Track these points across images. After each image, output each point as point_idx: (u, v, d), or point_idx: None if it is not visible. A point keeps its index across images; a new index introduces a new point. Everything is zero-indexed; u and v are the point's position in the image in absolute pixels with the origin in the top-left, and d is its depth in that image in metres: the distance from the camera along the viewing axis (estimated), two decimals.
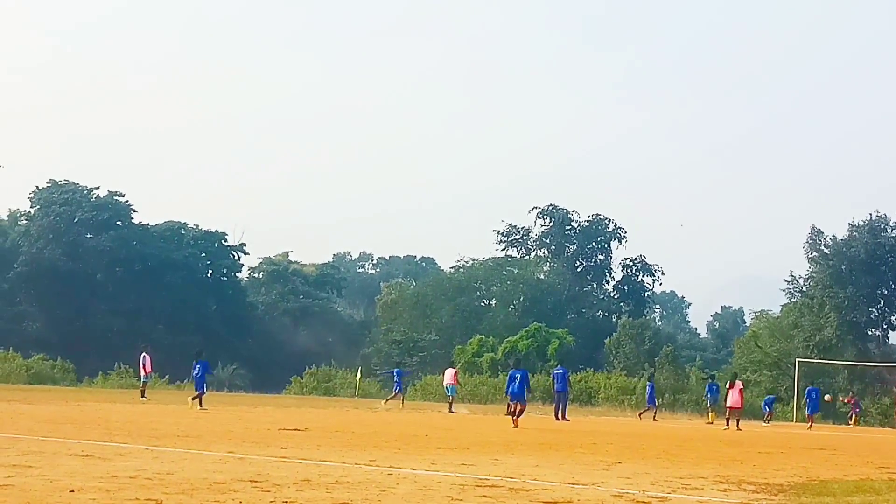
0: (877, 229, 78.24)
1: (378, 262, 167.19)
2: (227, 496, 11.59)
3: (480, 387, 75.93)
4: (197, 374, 40.00)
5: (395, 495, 12.42)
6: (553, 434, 31.41)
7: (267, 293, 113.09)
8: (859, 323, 77.93)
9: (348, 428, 28.91)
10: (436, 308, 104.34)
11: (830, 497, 14.66)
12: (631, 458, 21.52)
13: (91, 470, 13.79)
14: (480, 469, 16.74)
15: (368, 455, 18.48)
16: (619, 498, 13.27)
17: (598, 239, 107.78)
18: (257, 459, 16.74)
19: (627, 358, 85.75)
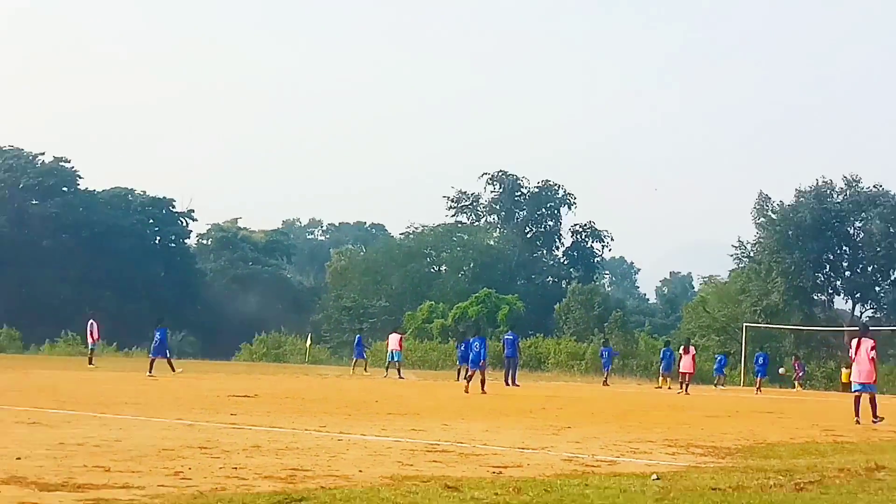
0: (823, 195, 78.72)
1: (328, 229, 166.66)
2: (176, 462, 11.54)
3: (431, 353, 76.07)
4: (157, 341, 39.96)
5: (346, 461, 12.41)
6: (503, 399, 31.48)
7: (215, 260, 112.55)
8: (805, 288, 78.49)
9: (298, 394, 28.88)
10: (386, 274, 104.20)
11: (777, 459, 14.78)
12: (580, 422, 21.61)
13: (38, 437, 13.70)
14: (431, 434, 16.76)
15: (318, 421, 18.47)
16: (568, 462, 13.32)
17: (547, 205, 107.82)
18: (206, 426, 16.68)
19: (577, 323, 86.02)
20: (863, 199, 77.99)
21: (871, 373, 25.85)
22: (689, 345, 49.63)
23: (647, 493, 10.24)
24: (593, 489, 10.39)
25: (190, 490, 9.47)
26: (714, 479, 11.71)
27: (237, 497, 8.99)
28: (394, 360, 50.99)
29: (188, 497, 9.00)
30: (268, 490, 9.60)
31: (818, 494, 10.64)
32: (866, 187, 79.06)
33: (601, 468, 12.73)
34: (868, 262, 78.27)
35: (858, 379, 25.78)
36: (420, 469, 11.82)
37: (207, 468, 11.21)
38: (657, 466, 13.07)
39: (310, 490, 9.65)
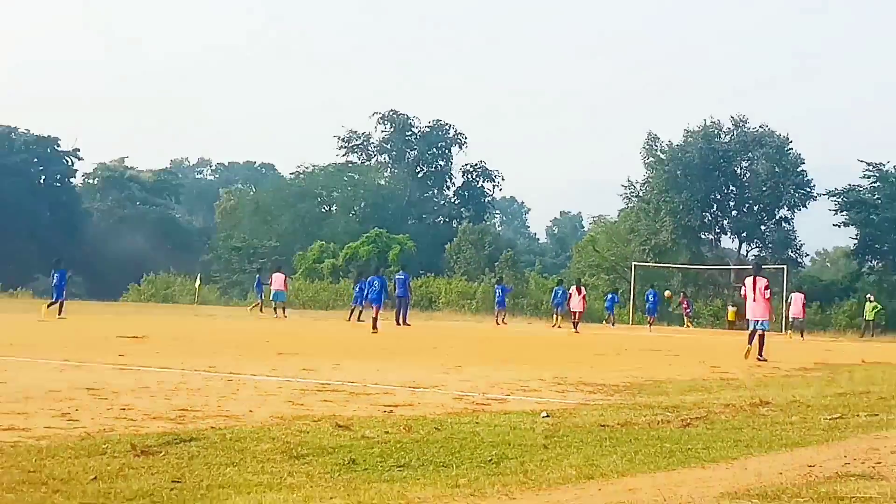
0: (711, 135, 79.44)
1: (217, 168, 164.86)
2: (63, 404, 11.42)
3: (322, 293, 75.99)
4: (55, 282, 39.72)
5: (236, 401, 12.37)
6: (394, 339, 31.56)
7: (102, 200, 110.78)
8: (693, 227, 79.31)
9: (188, 335, 28.71)
10: (276, 214, 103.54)
11: (665, 396, 15.00)
12: (471, 361, 21.73)
13: None
14: (321, 374, 16.76)
15: (208, 362, 18.37)
16: (459, 401, 13.40)
17: (438, 145, 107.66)
18: (94, 367, 16.52)
19: (468, 263, 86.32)
20: (749, 140, 78.88)
21: (765, 310, 26.55)
22: (580, 284, 50.66)
23: (537, 431, 10.34)
24: (484, 427, 10.47)
25: (77, 431, 9.38)
26: (603, 415, 11.86)
27: (126, 438, 8.92)
28: (279, 301, 51.11)
29: (75, 438, 8.91)
30: (157, 430, 9.54)
31: (704, 430, 10.83)
32: (753, 128, 79.96)
33: (491, 406, 12.82)
34: (754, 201, 79.29)
35: (754, 316, 26.48)
36: (311, 409, 11.83)
37: (95, 409, 11.11)
38: (547, 404, 13.20)
39: (200, 430, 9.60)
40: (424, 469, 8.02)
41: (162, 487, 6.99)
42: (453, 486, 7.36)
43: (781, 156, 77.22)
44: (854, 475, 7.61)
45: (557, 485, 7.51)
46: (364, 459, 8.28)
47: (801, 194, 77.60)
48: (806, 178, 77.84)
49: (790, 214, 79.11)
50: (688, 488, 7.22)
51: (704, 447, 9.50)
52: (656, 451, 9.22)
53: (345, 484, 7.35)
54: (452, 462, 8.32)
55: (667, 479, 7.78)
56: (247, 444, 8.85)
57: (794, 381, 19.21)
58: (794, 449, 9.67)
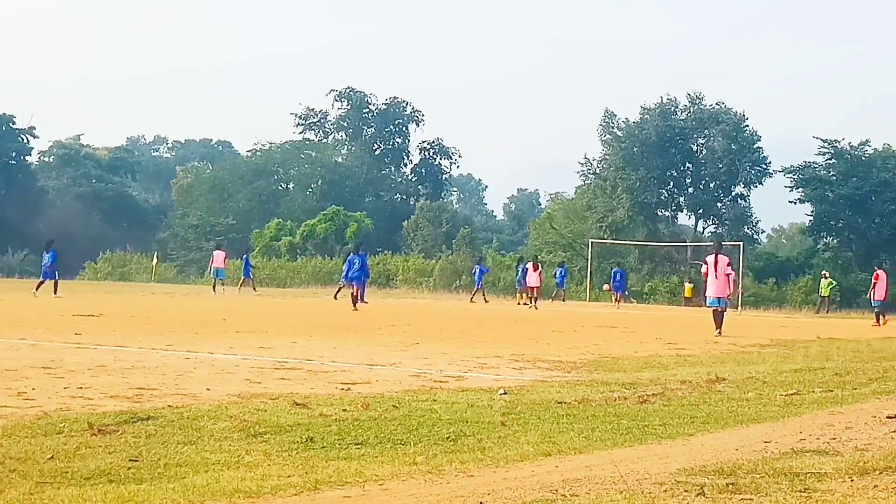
0: (667, 112, 79.72)
1: (173, 146, 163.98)
2: (19, 383, 11.37)
3: (279, 270, 75.89)
4: (46, 262, 40.79)
5: (193, 379, 12.35)
6: (352, 317, 31.56)
7: (58, 177, 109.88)
8: (650, 204, 79.60)
9: (144, 313, 28.59)
10: (233, 192, 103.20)
11: (622, 373, 15.08)
12: (429, 339, 21.79)
13: None
14: (279, 352, 16.75)
15: (165, 340, 18.33)
16: (416, 378, 13.43)
17: (395, 122, 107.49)
18: (50, 346, 16.45)
19: (425, 240, 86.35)
20: (706, 117, 79.21)
21: (725, 288, 26.96)
22: (537, 261, 51.07)
23: (495, 408, 10.38)
24: (441, 404, 10.50)
25: (34, 410, 9.34)
26: (560, 392, 11.91)
27: (82, 417, 8.89)
28: (219, 278, 51.34)
29: (32, 417, 8.87)
30: (114, 409, 9.52)
31: (661, 406, 10.89)
32: (709, 104, 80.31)
33: (449, 384, 12.86)
34: (710, 178, 79.63)
35: (715, 294, 26.85)
36: (268, 386, 11.83)
37: (52, 388, 11.07)
38: (504, 381, 13.24)
39: (156, 409, 9.59)
40: (382, 447, 8.04)
41: (119, 466, 6.98)
42: (411, 463, 7.38)
43: (738, 133, 77.62)
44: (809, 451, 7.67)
45: (515, 462, 7.54)
46: (322, 437, 8.29)
47: (758, 171, 78.06)
48: (762, 155, 78.31)
49: (746, 191, 79.57)
50: (644, 464, 7.26)
51: (661, 424, 9.56)
52: (613, 427, 9.28)
53: (302, 462, 7.36)
54: (410, 439, 8.35)
55: (624, 455, 7.83)
56: (204, 422, 8.84)
57: (750, 357, 19.34)
58: (750, 425, 9.75)
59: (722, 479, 6.34)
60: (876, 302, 39.39)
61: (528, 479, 6.79)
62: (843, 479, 6.36)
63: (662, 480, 6.39)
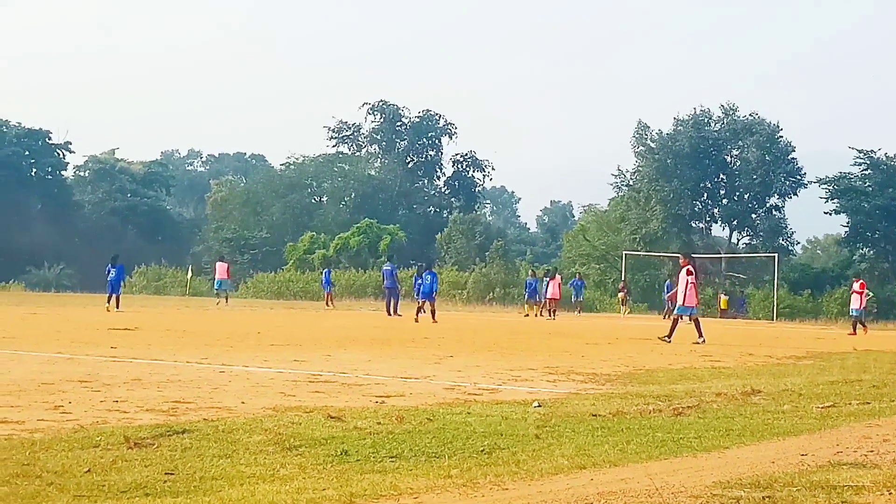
0: (701, 123, 79.63)
1: (207, 160, 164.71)
2: (56, 396, 11.42)
3: (313, 283, 76.02)
4: (112, 276, 40.69)
5: (228, 393, 12.38)
6: (385, 330, 31.58)
7: (93, 192, 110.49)
8: (684, 215, 79.50)
9: (179, 327, 28.68)
10: (266, 205, 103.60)
11: (656, 385, 15.02)
12: (462, 351, 21.76)
13: None
14: (313, 365, 16.77)
15: (200, 353, 18.37)
16: (450, 391, 13.42)
17: (428, 135, 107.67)
18: (87, 359, 16.52)
19: (458, 253, 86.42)
20: (739, 128, 79.08)
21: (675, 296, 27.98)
22: (555, 273, 51.72)
23: (529, 420, 10.36)
24: (475, 417, 10.48)
25: (71, 424, 9.38)
26: (594, 405, 11.87)
27: (119, 430, 8.92)
28: (222, 289, 51.57)
29: (69, 431, 8.91)
30: (150, 423, 9.54)
31: (696, 418, 10.85)
32: (743, 116, 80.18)
33: (483, 396, 12.84)
34: (744, 189, 79.45)
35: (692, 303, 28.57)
36: (303, 400, 11.83)
37: (88, 402, 11.11)
38: (538, 394, 13.22)
39: (192, 422, 9.61)
40: (416, 460, 8.03)
41: (155, 479, 7.00)
42: (445, 476, 7.38)
43: (772, 143, 77.42)
44: (846, 464, 7.63)
45: (549, 475, 7.53)
46: (356, 450, 8.29)
47: (792, 182, 77.84)
48: (797, 166, 78.10)
49: (781, 202, 79.39)
50: (680, 477, 7.23)
51: (696, 436, 9.52)
52: (648, 440, 9.24)
53: (337, 475, 7.36)
54: (444, 452, 8.34)
55: (659, 468, 7.80)
56: (239, 435, 8.86)
57: (786, 369, 19.25)
58: (786, 438, 9.70)
59: (758, 493, 6.32)
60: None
61: (563, 493, 6.78)
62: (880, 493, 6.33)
63: (698, 494, 6.38)
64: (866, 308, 40.62)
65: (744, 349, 25.87)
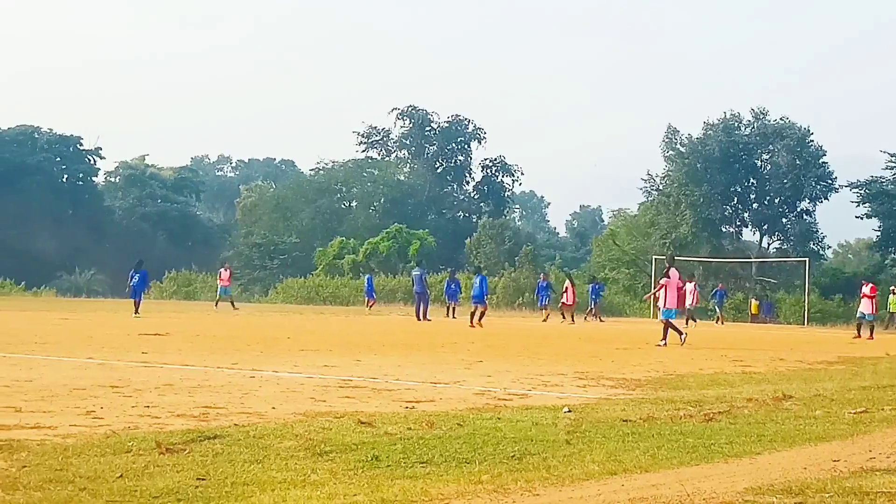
0: (731, 127, 79.35)
1: (237, 165, 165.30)
2: (87, 402, 11.47)
3: (342, 289, 76.07)
4: (135, 282, 40.89)
5: (258, 398, 12.40)
6: (415, 334, 31.60)
7: (124, 198, 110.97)
8: (714, 220, 79.24)
9: (210, 332, 28.76)
10: (296, 210, 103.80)
11: (687, 390, 14.99)
12: (492, 356, 21.76)
13: None
14: (343, 370, 16.79)
15: (230, 358, 18.42)
16: (480, 396, 13.41)
17: (457, 140, 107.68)
18: (118, 365, 16.58)
19: (488, 258, 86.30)
20: (770, 132, 78.77)
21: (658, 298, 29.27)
22: (572, 278, 52.13)
23: (559, 426, 10.35)
24: (505, 422, 10.48)
25: (102, 429, 9.42)
26: (625, 410, 11.85)
27: (150, 435, 8.95)
28: (225, 295, 51.68)
29: (101, 436, 8.95)
30: (181, 428, 9.57)
31: (727, 424, 10.82)
32: (773, 120, 79.88)
33: (513, 401, 12.83)
34: (775, 193, 79.16)
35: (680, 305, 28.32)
36: (333, 405, 11.85)
37: (119, 407, 11.16)
38: (568, 399, 13.20)
39: (223, 427, 9.63)
40: (447, 465, 8.03)
41: (187, 485, 7.02)
42: (476, 482, 7.37)
43: (802, 148, 77.10)
44: (879, 469, 7.60)
45: (580, 480, 7.52)
46: (387, 456, 8.30)
47: (823, 186, 77.49)
48: (827, 170, 77.74)
49: (812, 206, 79.03)
50: (711, 483, 7.22)
51: (727, 442, 9.49)
52: (679, 445, 9.22)
53: (368, 480, 7.37)
54: (475, 458, 8.34)
55: (690, 474, 7.78)
56: (270, 441, 8.88)
57: (818, 374, 19.19)
58: (819, 443, 9.66)
59: (790, 499, 6.30)
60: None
61: (594, 498, 6.77)
62: None
63: (730, 500, 6.36)
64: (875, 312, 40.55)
65: (775, 354, 25.78)
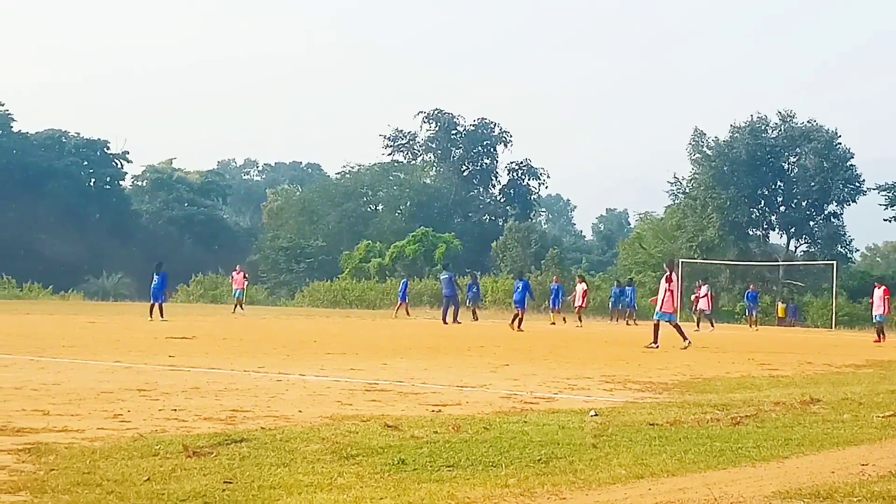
0: (758, 130, 79.12)
1: (263, 169, 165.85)
2: (115, 405, 11.50)
3: (368, 292, 76.16)
4: (155, 284, 40.42)
5: (285, 401, 12.42)
6: (441, 338, 31.59)
7: (151, 201, 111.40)
8: (741, 223, 79.02)
9: (236, 335, 28.83)
10: (322, 214, 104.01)
11: (714, 394, 14.94)
12: (518, 360, 21.74)
13: None
14: (369, 374, 16.80)
15: (257, 362, 18.45)
16: (507, 400, 13.40)
17: (483, 143, 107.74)
18: (145, 368, 16.63)
19: (514, 261, 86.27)
20: (797, 135, 78.52)
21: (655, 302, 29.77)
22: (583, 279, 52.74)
23: (586, 430, 10.33)
24: (532, 426, 10.46)
25: (130, 432, 9.44)
26: (651, 414, 11.82)
27: (177, 439, 8.97)
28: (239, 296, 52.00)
29: (128, 439, 8.97)
30: (208, 431, 9.59)
31: (755, 428, 10.77)
32: (800, 122, 79.61)
33: (539, 405, 12.81)
34: (802, 196, 78.91)
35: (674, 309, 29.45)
36: (359, 408, 11.86)
37: (147, 410, 11.18)
38: (595, 402, 13.18)
39: (250, 431, 9.65)
40: (474, 469, 8.02)
41: (214, 488, 7.03)
42: (503, 485, 7.36)
43: (830, 150, 76.83)
44: None
45: (607, 484, 7.50)
46: (413, 459, 8.29)
47: (851, 189, 77.20)
48: (855, 173, 77.44)
49: (839, 209, 78.72)
50: (739, 487, 7.19)
51: (755, 446, 9.46)
52: (706, 449, 9.19)
53: (394, 484, 7.37)
54: (501, 462, 8.32)
55: (717, 477, 7.76)
56: (297, 444, 8.88)
57: (846, 378, 19.10)
58: (847, 447, 9.62)
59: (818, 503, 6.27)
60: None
61: (621, 502, 6.76)
62: None
63: None
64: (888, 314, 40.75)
65: (802, 357, 25.69)
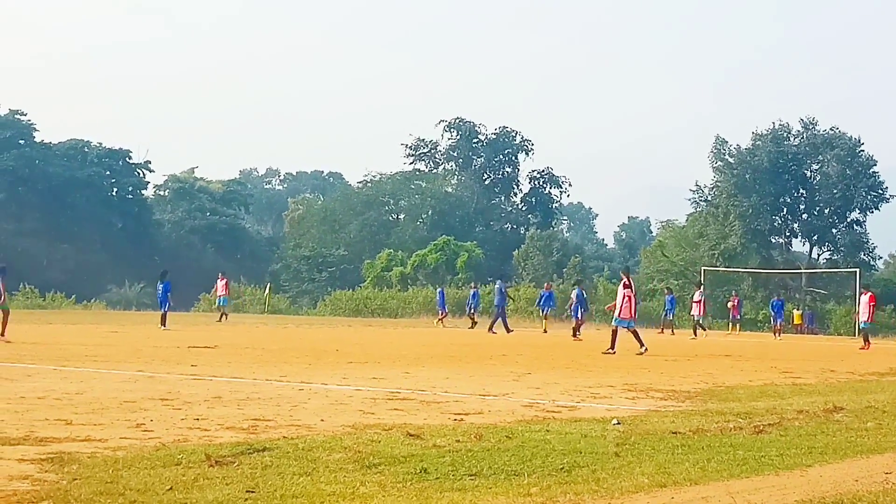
0: (780, 138, 78.98)
1: (285, 178, 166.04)
2: (137, 414, 11.52)
3: (390, 301, 76.13)
4: (159, 294, 41.20)
5: (307, 410, 12.42)
6: (463, 347, 31.58)
7: (173, 211, 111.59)
8: (763, 231, 78.87)
9: (258, 344, 28.87)
10: (344, 223, 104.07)
11: (736, 402, 14.90)
12: (541, 368, 21.71)
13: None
14: (392, 382, 16.80)
15: (279, 371, 18.48)
16: (529, 408, 13.38)
17: (505, 151, 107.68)
18: (167, 377, 16.66)
19: (536, 269, 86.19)
20: (819, 142, 78.35)
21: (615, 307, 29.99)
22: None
23: (608, 438, 10.31)
24: (554, 434, 10.45)
25: (152, 442, 9.46)
26: (674, 422, 11.80)
27: (199, 448, 8.98)
28: (221, 305, 51.69)
29: (150, 449, 8.99)
30: (230, 441, 9.61)
31: (777, 436, 10.74)
32: (823, 130, 79.43)
33: (562, 413, 12.80)
34: (825, 204, 78.71)
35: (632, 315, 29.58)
36: (381, 417, 11.86)
37: (169, 420, 11.20)
38: (617, 411, 13.15)
39: (272, 440, 9.66)
40: (496, 477, 8.02)
41: (236, 498, 7.04)
42: (525, 494, 7.36)
43: (853, 158, 76.62)
44: None
45: (630, 493, 7.49)
46: (436, 468, 8.29)
47: (874, 196, 76.99)
48: (878, 180, 77.24)
49: (862, 217, 78.52)
50: (762, 496, 7.17)
51: (778, 454, 9.43)
52: (729, 458, 9.17)
53: (417, 493, 7.36)
54: (524, 470, 8.32)
55: (740, 486, 7.74)
56: (319, 453, 8.89)
57: (869, 386, 19.03)
58: (870, 456, 9.58)
59: None
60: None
61: None
62: None
63: None
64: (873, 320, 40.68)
65: (825, 365, 25.60)
